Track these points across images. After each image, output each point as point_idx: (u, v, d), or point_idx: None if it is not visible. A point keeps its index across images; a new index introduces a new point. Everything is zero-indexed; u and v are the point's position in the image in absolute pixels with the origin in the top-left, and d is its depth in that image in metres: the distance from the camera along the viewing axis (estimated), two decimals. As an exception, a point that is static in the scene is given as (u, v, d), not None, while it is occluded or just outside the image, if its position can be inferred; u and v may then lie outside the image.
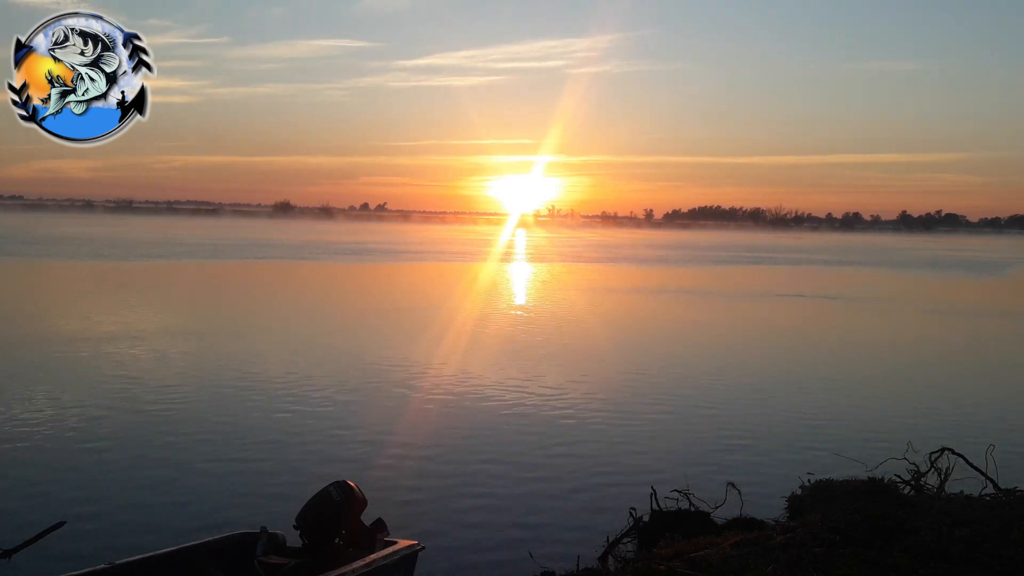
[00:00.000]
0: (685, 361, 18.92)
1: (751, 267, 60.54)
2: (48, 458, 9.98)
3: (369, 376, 15.59)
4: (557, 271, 51.97)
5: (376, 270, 48.58)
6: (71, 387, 13.78)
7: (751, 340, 22.57)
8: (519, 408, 13.24)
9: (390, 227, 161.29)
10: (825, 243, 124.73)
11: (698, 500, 7.95)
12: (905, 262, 72.35)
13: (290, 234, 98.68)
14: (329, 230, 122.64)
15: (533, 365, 17.17)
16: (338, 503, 5.98)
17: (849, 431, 12.33)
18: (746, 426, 12.49)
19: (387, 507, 7.30)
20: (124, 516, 8.23)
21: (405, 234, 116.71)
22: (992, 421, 13.22)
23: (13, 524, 7.58)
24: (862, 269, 60.43)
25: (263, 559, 5.88)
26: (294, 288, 35.68)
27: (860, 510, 7.00)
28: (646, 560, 6.45)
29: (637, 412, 13.21)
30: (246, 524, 6.53)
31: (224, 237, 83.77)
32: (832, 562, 5.86)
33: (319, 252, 62.62)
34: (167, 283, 35.44)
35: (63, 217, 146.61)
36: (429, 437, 11.45)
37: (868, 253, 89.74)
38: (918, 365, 19.64)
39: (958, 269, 64.22)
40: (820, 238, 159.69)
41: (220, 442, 10.92)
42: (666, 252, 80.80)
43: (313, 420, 12.19)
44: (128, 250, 56.09)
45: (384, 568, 5.71)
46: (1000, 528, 6.42)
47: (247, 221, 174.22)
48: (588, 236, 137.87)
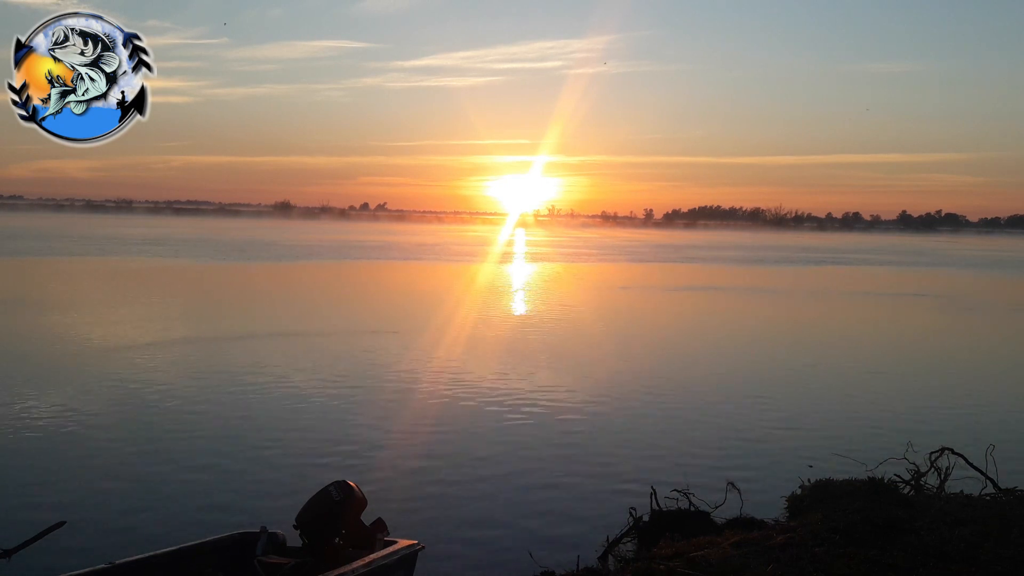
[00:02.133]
0: (685, 361, 18.92)
1: (756, 268, 60.58)
2: (48, 458, 9.98)
3: (370, 376, 15.59)
4: (559, 271, 51.96)
5: (377, 270, 48.57)
6: (71, 387, 13.78)
7: (751, 340, 22.56)
8: (519, 408, 13.24)
9: (392, 227, 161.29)
10: (844, 243, 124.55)
11: (698, 500, 7.95)
12: (942, 261, 72.31)
13: (291, 234, 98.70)
14: (331, 230, 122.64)
15: (533, 365, 17.17)
16: (338, 503, 5.98)
17: (849, 431, 12.32)
18: (746, 426, 12.49)
19: (387, 507, 7.31)
20: (124, 516, 8.23)
21: (409, 234, 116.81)
22: (992, 421, 13.22)
23: (13, 524, 7.59)
24: (908, 268, 60.46)
25: (263, 559, 5.88)
26: (294, 288, 35.66)
27: (860, 510, 7.00)
28: (646, 560, 6.45)
29: (637, 412, 13.21)
30: (246, 524, 6.53)
31: (227, 236, 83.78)
32: (832, 562, 5.86)
33: (318, 252, 62.62)
34: (167, 283, 35.43)
35: (63, 217, 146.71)
36: (429, 437, 11.45)
37: (899, 253, 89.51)
38: (918, 364, 19.63)
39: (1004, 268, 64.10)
40: (831, 238, 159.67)
41: (220, 442, 10.93)
42: (677, 252, 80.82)
43: (313, 420, 12.19)
44: (127, 248, 56.16)
45: (384, 568, 5.71)
46: (1000, 528, 6.42)
47: (250, 221, 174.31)
48: (592, 236, 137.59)
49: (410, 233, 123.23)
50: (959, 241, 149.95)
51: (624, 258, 69.47)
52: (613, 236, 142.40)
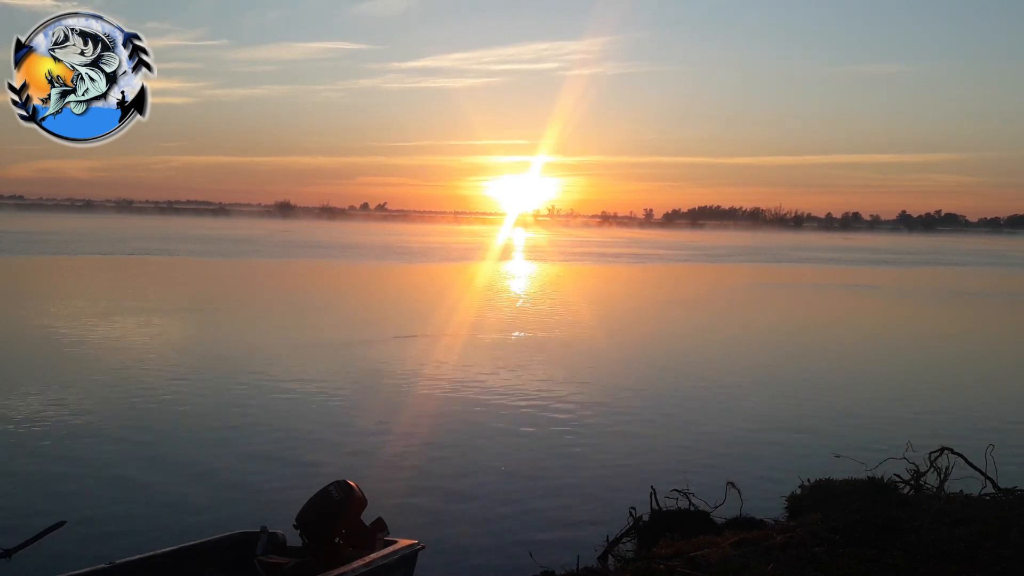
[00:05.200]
0: (685, 361, 18.92)
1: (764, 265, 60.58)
2: (48, 458, 9.98)
3: (370, 375, 15.60)
4: (561, 271, 51.97)
5: (380, 269, 48.57)
6: (71, 386, 13.79)
7: (750, 340, 22.56)
8: (519, 408, 13.24)
9: (395, 227, 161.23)
10: (861, 243, 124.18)
11: (698, 500, 7.95)
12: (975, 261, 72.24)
13: (293, 233, 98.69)
14: (331, 229, 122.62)
15: (533, 365, 17.17)
16: (338, 502, 5.98)
17: (849, 431, 12.33)
18: (746, 426, 12.49)
19: (387, 507, 7.31)
20: (124, 516, 8.24)
21: (412, 234, 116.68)
22: (992, 421, 13.22)
23: (13, 524, 7.59)
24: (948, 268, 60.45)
25: (263, 558, 5.88)
26: (294, 288, 35.66)
27: (860, 510, 7.00)
28: (646, 560, 6.45)
29: (637, 412, 13.22)
30: (246, 524, 6.53)
31: (229, 235, 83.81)
32: (832, 561, 5.86)
33: (319, 251, 62.63)
34: (168, 283, 35.44)
35: (66, 217, 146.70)
36: (429, 437, 11.46)
37: (899, 252, 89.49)
38: (918, 364, 19.62)
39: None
40: (845, 238, 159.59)
41: (220, 442, 10.94)
42: (696, 252, 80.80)
43: (313, 419, 12.20)
44: (128, 245, 56.21)
45: (384, 567, 5.72)
46: (1000, 528, 6.41)
47: (253, 220, 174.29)
48: (594, 236, 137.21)
49: (415, 233, 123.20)
50: (970, 240, 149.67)
51: (679, 258, 69.45)
52: (620, 236, 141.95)
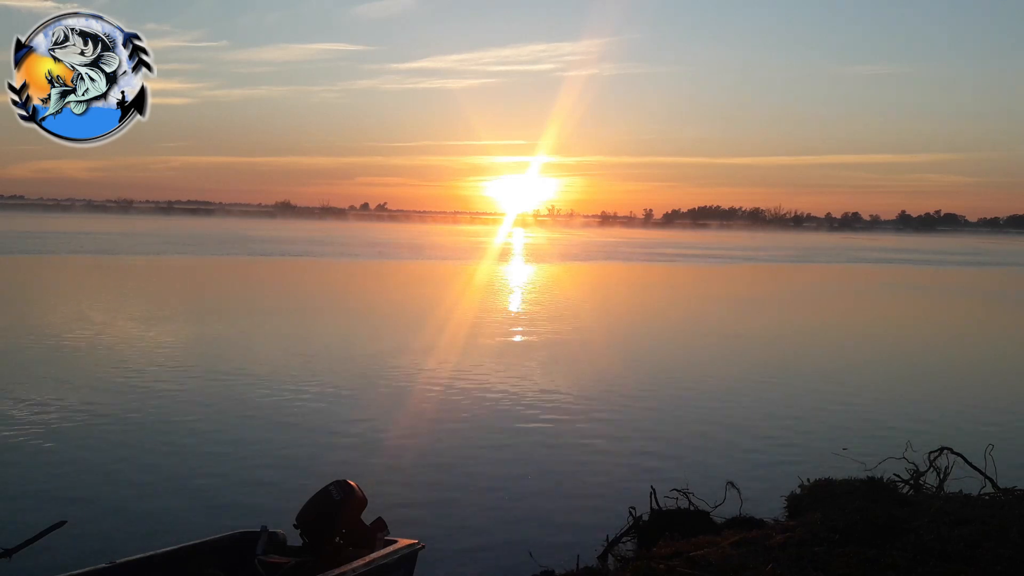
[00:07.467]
0: (685, 360, 18.92)
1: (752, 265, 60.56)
2: (48, 458, 9.98)
3: (370, 375, 15.59)
4: (560, 271, 51.99)
5: (381, 269, 48.57)
6: (71, 386, 13.78)
7: (750, 340, 22.56)
8: (520, 407, 13.25)
9: (398, 227, 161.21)
10: (861, 243, 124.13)
11: (697, 499, 7.96)
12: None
13: (293, 232, 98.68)
14: (334, 229, 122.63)
15: (534, 364, 17.18)
16: (338, 502, 5.98)
17: (849, 430, 12.33)
18: (746, 426, 12.49)
19: (387, 506, 7.31)
20: (124, 516, 8.23)
21: (415, 234, 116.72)
22: (992, 421, 13.23)
23: (13, 524, 7.60)
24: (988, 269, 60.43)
25: (263, 558, 5.88)
26: (295, 288, 35.65)
27: (859, 509, 7.01)
28: (646, 559, 6.45)
29: (637, 411, 13.21)
30: (246, 523, 6.53)
31: (230, 235, 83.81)
32: (831, 561, 5.87)
33: (319, 251, 62.65)
34: (168, 282, 35.44)
35: (66, 217, 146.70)
36: (430, 436, 11.46)
37: (898, 252, 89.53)
38: (918, 363, 19.62)
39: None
40: (858, 238, 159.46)
41: (220, 442, 10.93)
42: (701, 252, 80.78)
43: (314, 419, 12.19)
44: (130, 246, 56.18)
45: (384, 567, 5.72)
46: (999, 527, 6.42)
47: (253, 221, 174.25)
48: (596, 237, 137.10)
49: (417, 233, 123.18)
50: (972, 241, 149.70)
51: (651, 261, 69.46)
52: (622, 236, 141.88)
